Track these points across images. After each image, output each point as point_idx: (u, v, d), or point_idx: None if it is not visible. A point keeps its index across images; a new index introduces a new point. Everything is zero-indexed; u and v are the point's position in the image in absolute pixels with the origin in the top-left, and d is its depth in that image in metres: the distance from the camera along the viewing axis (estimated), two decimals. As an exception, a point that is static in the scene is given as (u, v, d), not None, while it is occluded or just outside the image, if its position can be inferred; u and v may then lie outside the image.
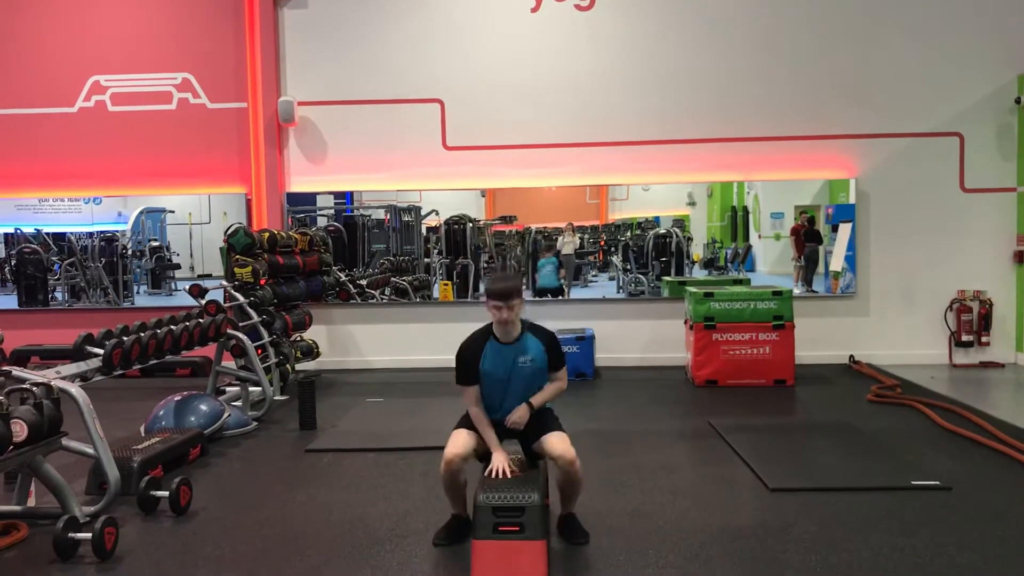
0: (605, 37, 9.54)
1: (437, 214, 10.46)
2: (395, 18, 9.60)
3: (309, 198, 10.24)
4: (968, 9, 9.23)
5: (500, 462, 4.02)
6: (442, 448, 4.09)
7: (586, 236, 11.13)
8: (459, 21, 9.60)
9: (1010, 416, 6.62)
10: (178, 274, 10.97)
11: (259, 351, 7.41)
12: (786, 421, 7.01)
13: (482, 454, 4.16)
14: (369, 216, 10.70)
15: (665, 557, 3.95)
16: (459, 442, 4.09)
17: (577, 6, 9.52)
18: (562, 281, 10.38)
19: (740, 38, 9.42)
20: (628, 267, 10.64)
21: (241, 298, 7.61)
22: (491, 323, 4.19)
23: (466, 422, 4.24)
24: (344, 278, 9.89)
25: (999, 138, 9.29)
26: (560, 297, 10.25)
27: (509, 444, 4.21)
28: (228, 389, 7.63)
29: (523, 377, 4.18)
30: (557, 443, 4.06)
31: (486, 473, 4.00)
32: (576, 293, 10.60)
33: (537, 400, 4.17)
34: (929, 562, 3.84)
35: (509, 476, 3.96)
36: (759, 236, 10.66)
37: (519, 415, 4.11)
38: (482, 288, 10.16)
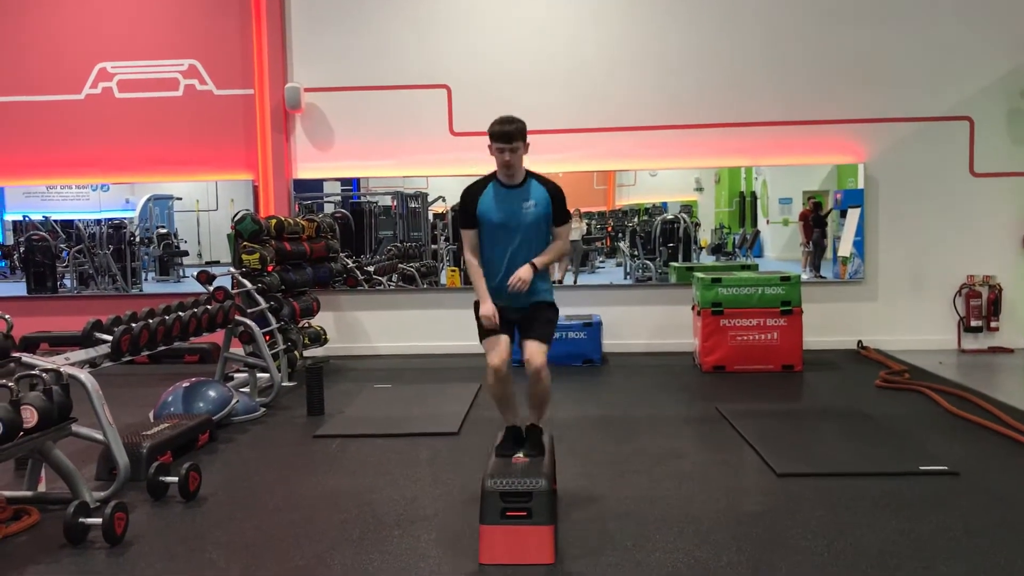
0: (612, 21, 9.48)
1: (444, 200, 10.45)
2: (401, 3, 9.57)
3: (316, 185, 10.25)
4: (978, -8, 9.17)
5: (487, 310, 4.13)
6: (450, 434, 4.11)
7: (593, 222, 11.12)
8: (465, 6, 9.56)
9: (1019, 402, 6.60)
10: (186, 261, 11.01)
11: (267, 337, 7.42)
12: (794, 407, 7.01)
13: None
14: (376, 202, 10.70)
15: (672, 542, 3.96)
16: (501, 347, 4.12)
17: (584, -10, 9.49)
18: (570, 269, 10.35)
19: (748, 22, 9.36)
20: (635, 253, 10.62)
21: (249, 285, 7.63)
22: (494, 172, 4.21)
23: (488, 330, 4.20)
24: (351, 265, 9.90)
25: (1009, 122, 9.23)
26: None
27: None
28: (236, 375, 7.65)
29: (526, 225, 4.15)
30: (531, 348, 4.12)
31: (481, 314, 4.12)
32: (583, 279, 10.58)
33: (540, 260, 4.16)
34: (936, 547, 3.84)
35: (496, 320, 4.08)
36: (767, 222, 10.64)
37: (522, 274, 4.09)
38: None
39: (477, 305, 4.29)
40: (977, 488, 4.64)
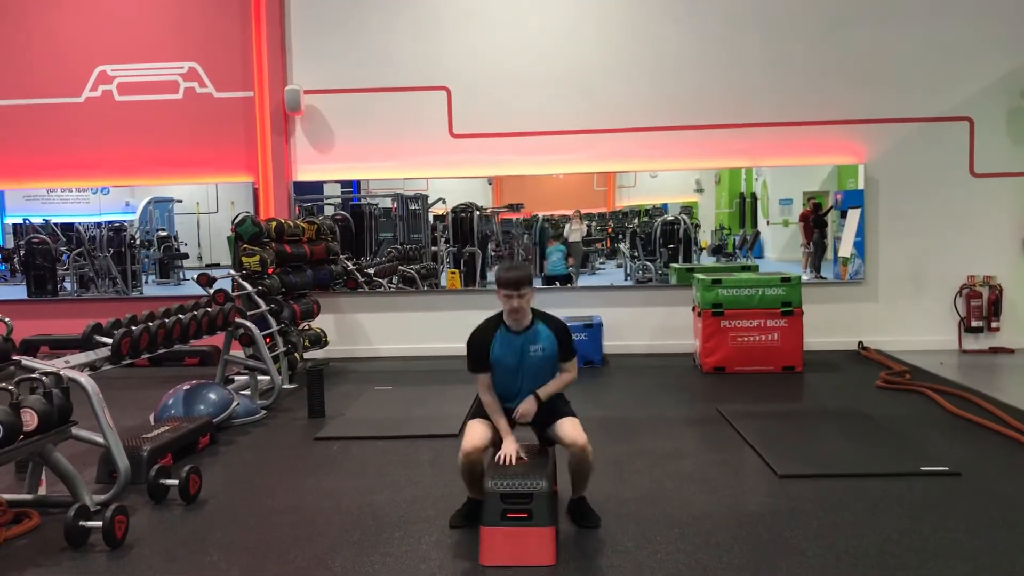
0: (612, 23, 9.48)
1: (444, 202, 10.45)
2: (401, 5, 9.57)
3: (316, 187, 10.25)
4: (978, -8, 9.18)
5: (510, 449, 4.04)
6: (451, 436, 4.12)
7: (593, 223, 11.11)
8: (465, 8, 9.56)
9: (1020, 402, 6.59)
10: (186, 263, 11.00)
11: (267, 340, 7.43)
12: (795, 407, 7.00)
13: (499, 442, 4.17)
14: (376, 205, 10.70)
15: (674, 543, 3.96)
16: (476, 434, 4.11)
17: (583, -8, 9.49)
18: (570, 269, 10.38)
19: (748, 23, 9.36)
20: (636, 254, 10.62)
21: (249, 287, 7.62)
22: (502, 311, 4.20)
23: (480, 412, 4.26)
24: (352, 267, 9.89)
25: (1009, 122, 9.22)
26: (568, 284, 10.24)
27: (523, 431, 4.22)
28: (237, 378, 7.65)
29: (534, 366, 4.18)
30: (569, 429, 4.09)
31: (495, 459, 4.01)
32: (584, 280, 10.58)
33: (544, 392, 4.17)
34: (937, 548, 3.83)
35: (516, 463, 3.97)
36: (767, 222, 10.63)
37: (526, 408, 4.12)
38: (490, 276, 10.16)
39: (477, 403, 4.29)
40: (978, 488, 4.64)
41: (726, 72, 9.40)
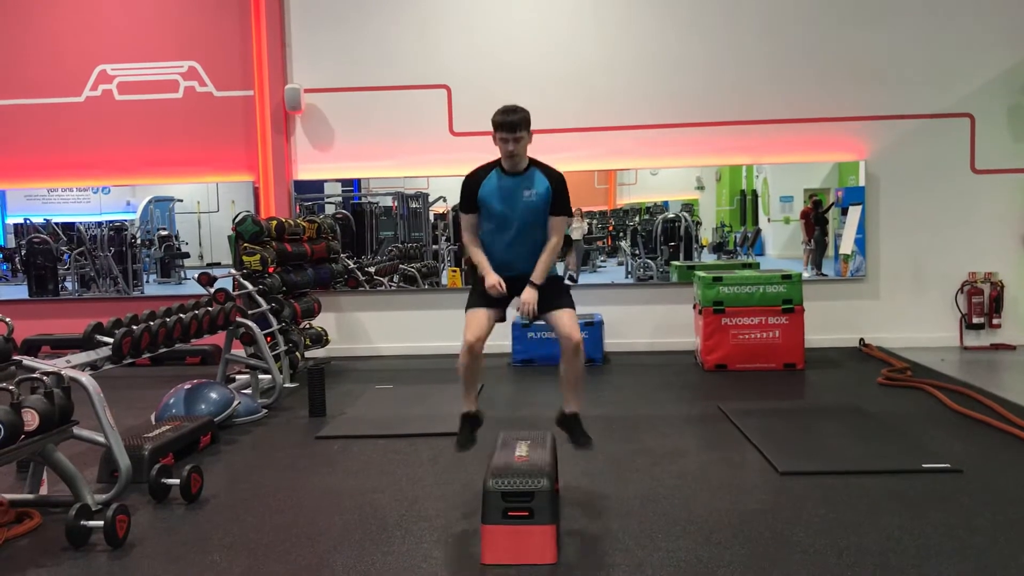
0: (612, 20, 9.48)
1: (445, 201, 10.45)
2: (401, 4, 9.56)
3: (317, 186, 10.25)
4: (978, -12, 9.16)
5: (494, 280, 4.16)
6: (452, 434, 4.11)
7: (594, 221, 11.11)
8: (465, 6, 9.56)
9: (1021, 398, 6.58)
10: (187, 263, 11.00)
11: (268, 339, 7.42)
12: (796, 405, 6.99)
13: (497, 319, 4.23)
14: (377, 203, 10.70)
15: (675, 541, 3.95)
16: (480, 323, 4.13)
17: (583, -10, 9.48)
18: (571, 270, 10.35)
19: (748, 20, 9.35)
20: (637, 252, 10.61)
21: (250, 286, 7.63)
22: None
23: (475, 300, 4.23)
24: (352, 265, 9.89)
25: (1010, 119, 9.22)
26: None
27: (519, 428, 4.22)
28: (238, 377, 7.65)
29: (525, 212, 4.16)
30: (567, 321, 4.13)
31: (488, 284, 4.13)
32: (585, 279, 10.57)
33: (538, 276, 4.16)
34: (939, 545, 3.83)
35: (503, 289, 4.10)
36: (768, 220, 10.62)
37: (528, 298, 4.10)
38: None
39: (475, 280, 4.31)
40: (980, 485, 4.63)
41: (727, 69, 9.39)
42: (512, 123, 4.08)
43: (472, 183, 4.24)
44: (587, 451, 4.26)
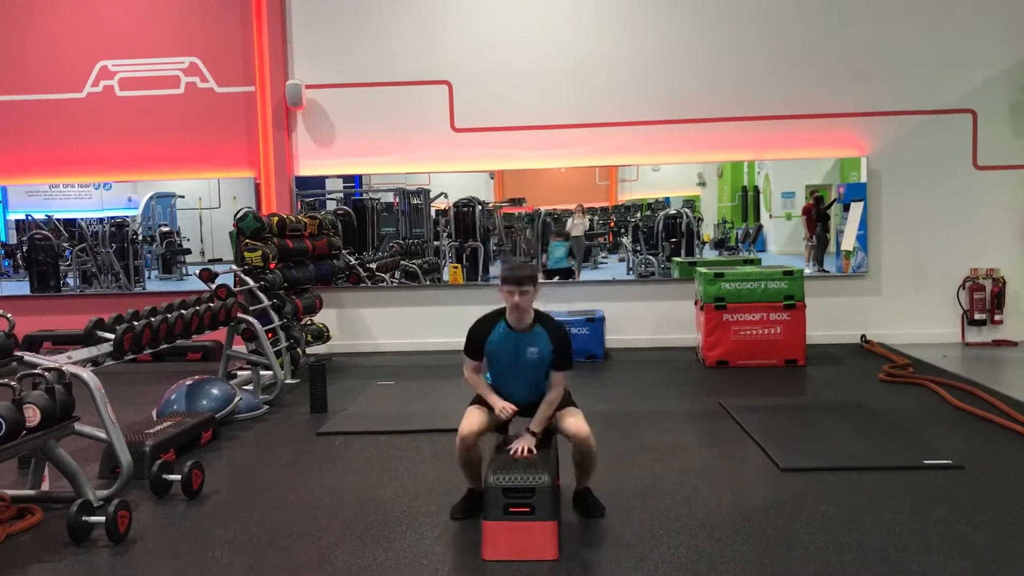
0: (613, 16, 9.47)
1: (446, 197, 10.44)
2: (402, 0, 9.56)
3: (318, 182, 10.24)
4: (981, -16, 9.14)
5: (503, 404, 4.15)
6: (453, 431, 4.12)
7: (596, 218, 11.10)
8: (466, 2, 9.55)
9: (1023, 395, 6.58)
10: (188, 259, 11.01)
11: (270, 335, 7.43)
12: (797, 401, 6.99)
13: (497, 427, 4.22)
14: (378, 199, 10.69)
15: (676, 537, 3.96)
16: (473, 419, 4.14)
17: (585, -15, 9.47)
18: (572, 263, 10.37)
19: (749, 15, 9.34)
20: (638, 248, 10.61)
21: (251, 282, 7.63)
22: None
23: (479, 400, 4.27)
24: (354, 262, 9.89)
25: (1012, 115, 9.20)
26: (571, 279, 10.23)
27: (519, 425, 4.22)
28: (239, 373, 7.65)
29: (528, 366, 4.20)
30: (572, 422, 4.13)
31: (498, 409, 4.13)
32: (586, 275, 10.57)
33: (536, 425, 4.16)
34: (940, 541, 3.83)
35: (509, 412, 4.12)
36: (770, 216, 10.61)
37: (523, 447, 4.08)
38: (492, 271, 10.16)
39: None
40: (981, 482, 4.63)
41: (728, 65, 9.38)
42: (520, 278, 4.08)
43: (479, 336, 4.23)
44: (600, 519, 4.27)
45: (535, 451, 4.08)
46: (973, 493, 4.45)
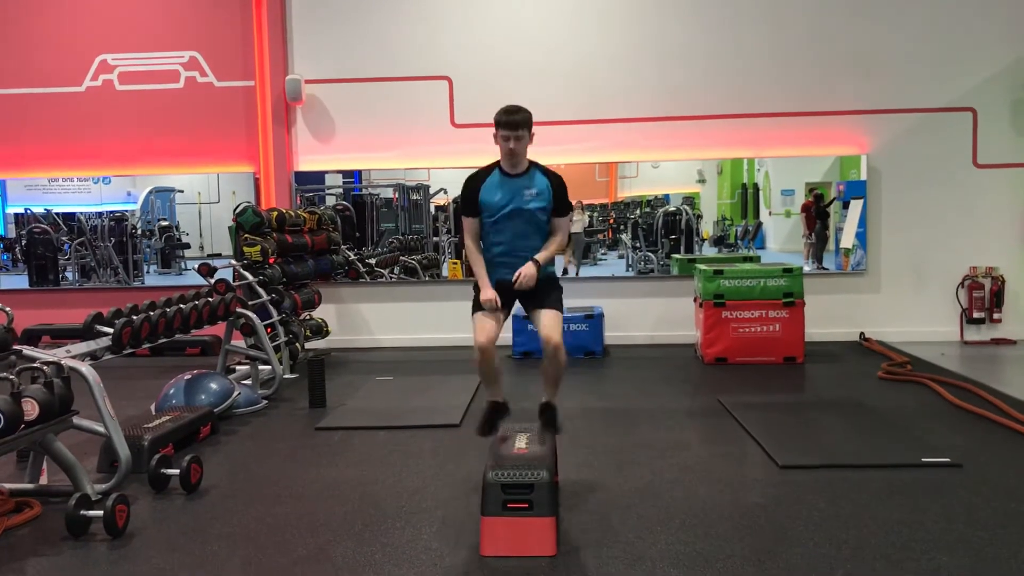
0: (614, 12, 9.45)
1: (446, 192, 10.43)
2: (402, -5, 9.55)
3: (317, 177, 10.23)
4: (982, -18, 9.13)
5: (489, 295, 4.18)
6: (452, 426, 4.12)
7: (595, 214, 11.09)
8: (467, -3, 9.55)
9: (1021, 393, 6.59)
10: (187, 253, 10.99)
11: (268, 330, 7.42)
12: (796, 398, 7.00)
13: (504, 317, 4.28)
14: (378, 195, 10.68)
15: (674, 534, 3.96)
16: (488, 327, 4.15)
17: (586, -19, 9.45)
18: (572, 261, 10.35)
19: (750, 13, 9.33)
20: (637, 245, 10.60)
21: (250, 277, 7.62)
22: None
23: (493, 309, 4.23)
24: (353, 257, 9.89)
25: (1013, 113, 9.20)
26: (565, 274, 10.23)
27: (516, 420, 4.22)
28: (238, 368, 7.65)
29: (526, 212, 4.18)
30: (548, 322, 4.16)
31: (482, 299, 4.16)
32: (585, 271, 10.57)
33: (542, 256, 4.19)
34: (939, 539, 3.83)
35: (498, 304, 4.13)
36: (769, 213, 10.61)
37: (527, 271, 4.11)
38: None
39: (476, 289, 4.31)
40: (980, 480, 4.63)
41: (728, 62, 9.37)
42: (514, 122, 4.11)
43: (473, 184, 4.26)
44: (553, 432, 4.31)
45: (531, 282, 4.14)
46: (971, 491, 4.45)
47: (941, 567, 3.53)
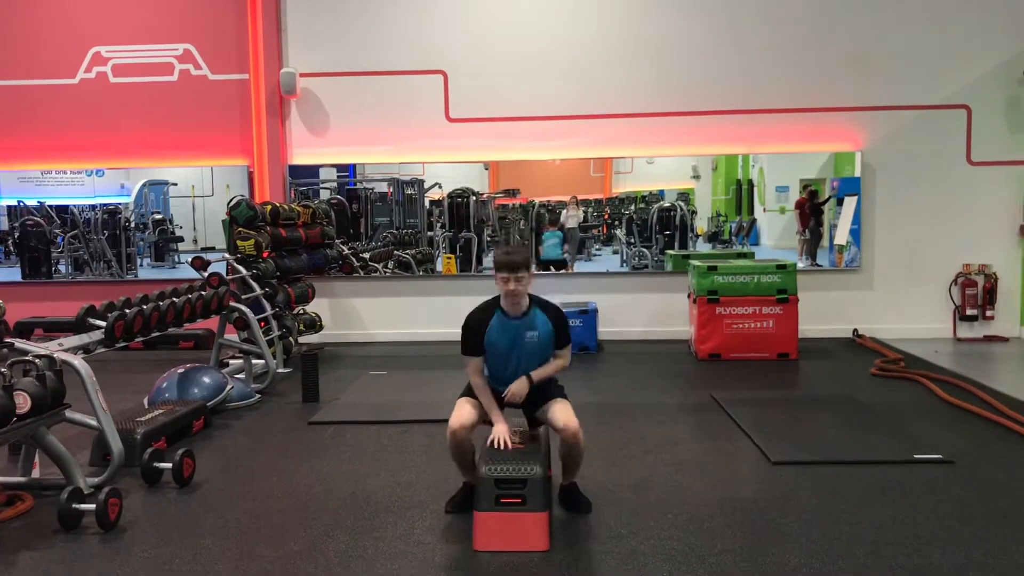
0: (610, 7, 9.44)
1: (440, 187, 10.42)
2: (398, -12, 9.52)
3: (312, 170, 10.21)
4: (977, -21, 9.14)
5: (501, 432, 4.05)
6: (445, 420, 4.11)
7: (590, 209, 11.09)
8: (462, -9, 9.53)
9: (1013, 390, 6.61)
10: (181, 247, 10.96)
11: (262, 324, 7.41)
12: (789, 395, 7.01)
13: (487, 422, 4.19)
14: (372, 189, 10.66)
15: (667, 529, 3.96)
16: (463, 413, 4.10)
17: (581, -24, 9.44)
18: (566, 255, 10.37)
19: (746, 10, 9.32)
20: (632, 240, 10.61)
21: (244, 271, 7.61)
22: (499, 295, 4.18)
23: (470, 391, 4.25)
24: (347, 251, 9.87)
25: (1007, 110, 9.21)
26: (564, 270, 10.24)
27: (513, 416, 4.22)
28: (231, 362, 7.64)
29: (528, 352, 4.17)
30: (560, 414, 4.08)
31: (487, 443, 4.01)
32: (580, 267, 10.58)
33: (537, 375, 4.16)
34: (930, 535, 3.84)
35: (510, 446, 3.98)
36: (764, 209, 10.62)
37: (517, 388, 4.10)
38: (486, 262, 10.15)
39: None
40: (972, 476, 4.65)
41: (723, 58, 9.36)
42: (514, 263, 4.04)
43: (477, 329, 4.18)
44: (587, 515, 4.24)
45: (520, 398, 4.08)
46: (963, 487, 4.47)
47: (932, 563, 3.55)
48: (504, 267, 4.06)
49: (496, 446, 3.98)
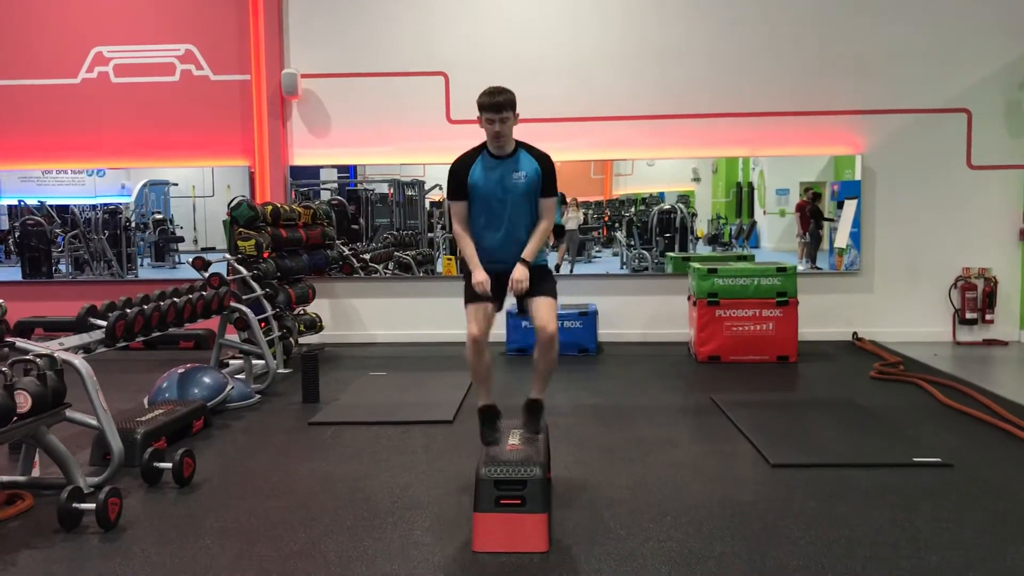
0: (611, 10, 9.46)
1: (441, 188, 10.42)
2: (399, -10, 9.53)
3: (313, 171, 10.21)
4: (977, -16, 9.15)
5: (481, 278, 4.09)
6: (445, 422, 4.11)
7: (590, 211, 11.09)
8: (464, -7, 9.53)
9: (1013, 394, 6.62)
10: (182, 247, 10.96)
11: (262, 324, 7.41)
12: (788, 397, 7.01)
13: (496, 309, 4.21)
14: (373, 190, 10.66)
15: (666, 531, 3.97)
16: (479, 317, 4.10)
17: (583, -22, 9.45)
18: (566, 258, 10.36)
19: (747, 12, 9.33)
20: (632, 243, 10.61)
21: (244, 271, 7.61)
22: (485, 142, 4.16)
23: (473, 294, 4.19)
24: (347, 252, 9.88)
25: (1007, 114, 9.22)
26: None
27: (512, 417, 4.22)
28: (231, 362, 7.64)
29: (515, 199, 4.13)
30: (543, 312, 4.10)
31: (474, 282, 4.07)
32: (580, 269, 10.58)
33: (529, 253, 4.15)
34: (929, 538, 3.85)
35: (488, 289, 4.04)
36: (764, 212, 10.62)
37: (520, 276, 4.09)
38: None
39: (467, 275, 4.25)
40: (970, 479, 4.65)
41: (725, 61, 9.37)
42: (498, 104, 4.03)
43: (460, 169, 4.19)
44: (535, 435, 4.23)
45: (526, 283, 4.10)
46: (962, 491, 4.47)
47: (931, 566, 3.55)
48: (488, 108, 4.04)
49: (477, 287, 4.05)
